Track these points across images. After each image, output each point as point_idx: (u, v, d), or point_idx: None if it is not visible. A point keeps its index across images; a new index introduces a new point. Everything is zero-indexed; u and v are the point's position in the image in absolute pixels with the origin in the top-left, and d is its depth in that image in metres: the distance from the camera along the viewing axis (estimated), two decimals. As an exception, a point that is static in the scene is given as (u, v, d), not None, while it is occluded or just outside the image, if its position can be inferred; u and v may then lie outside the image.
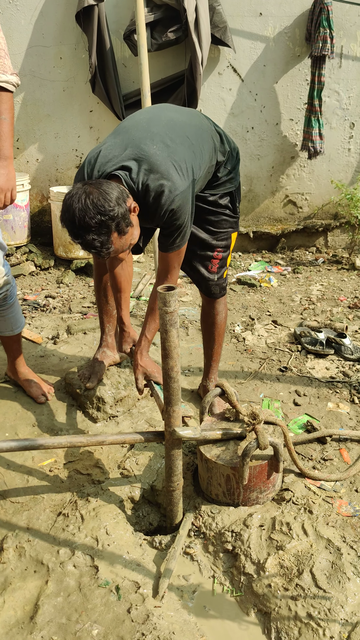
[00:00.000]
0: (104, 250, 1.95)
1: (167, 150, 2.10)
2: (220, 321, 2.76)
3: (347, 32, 4.85)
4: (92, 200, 1.89)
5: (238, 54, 4.86)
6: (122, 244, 2.00)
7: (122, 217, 1.94)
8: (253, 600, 1.94)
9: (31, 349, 3.41)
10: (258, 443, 2.07)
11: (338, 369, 3.25)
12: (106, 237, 1.93)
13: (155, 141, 2.11)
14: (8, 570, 2.00)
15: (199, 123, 2.33)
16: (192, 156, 2.17)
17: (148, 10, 4.43)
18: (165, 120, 2.23)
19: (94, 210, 1.88)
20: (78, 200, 1.90)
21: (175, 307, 1.83)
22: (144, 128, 2.17)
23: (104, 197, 1.91)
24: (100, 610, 1.85)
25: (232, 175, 2.48)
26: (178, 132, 2.18)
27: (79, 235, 1.92)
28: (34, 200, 5.15)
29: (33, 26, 4.69)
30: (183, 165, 2.12)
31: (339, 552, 2.00)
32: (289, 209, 5.41)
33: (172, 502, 2.16)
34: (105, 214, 1.89)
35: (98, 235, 1.91)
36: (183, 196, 2.10)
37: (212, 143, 2.33)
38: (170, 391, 1.96)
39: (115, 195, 1.94)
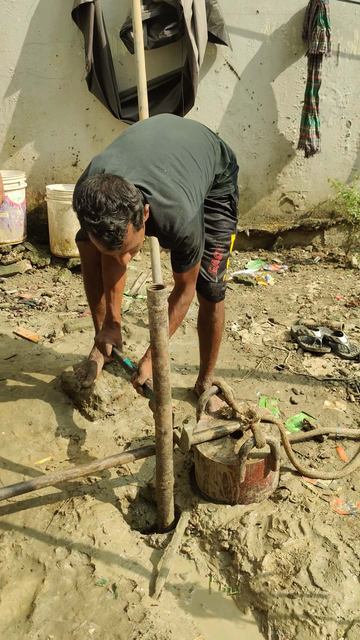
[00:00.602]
0: (118, 237, 1.88)
1: (178, 176, 2.11)
2: (217, 328, 2.75)
3: (344, 30, 4.85)
4: (115, 185, 1.87)
5: (235, 52, 4.85)
6: (132, 239, 1.96)
7: (139, 211, 1.93)
8: (250, 598, 1.94)
9: (27, 348, 3.40)
10: (255, 441, 2.07)
11: (334, 367, 3.26)
12: (124, 224, 1.87)
13: (165, 164, 2.11)
14: (4, 569, 1.99)
15: (202, 141, 2.33)
16: (200, 181, 2.20)
17: (144, 7, 4.42)
18: (172, 140, 2.21)
19: (117, 195, 1.85)
20: (99, 185, 1.86)
21: (165, 305, 1.82)
22: (151, 148, 2.15)
23: (127, 186, 1.89)
24: (96, 609, 1.84)
25: (229, 179, 2.50)
26: (186, 156, 2.18)
27: (97, 216, 1.84)
28: (30, 198, 5.13)
29: (29, 23, 4.67)
30: (194, 191, 2.14)
31: (335, 550, 2.01)
32: (285, 207, 5.41)
33: (164, 501, 2.16)
34: (126, 200, 1.86)
35: (117, 219, 1.85)
36: (194, 223, 2.14)
37: (214, 159, 2.36)
38: (160, 390, 1.96)
39: (135, 190, 1.93)
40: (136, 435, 2.64)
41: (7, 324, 3.76)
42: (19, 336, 3.56)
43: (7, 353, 3.33)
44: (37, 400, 2.85)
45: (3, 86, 4.82)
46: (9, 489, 2.03)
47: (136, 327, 3.69)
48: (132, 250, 2.04)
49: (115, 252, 1.98)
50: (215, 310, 2.69)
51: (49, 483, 2.07)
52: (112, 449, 2.57)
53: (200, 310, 2.75)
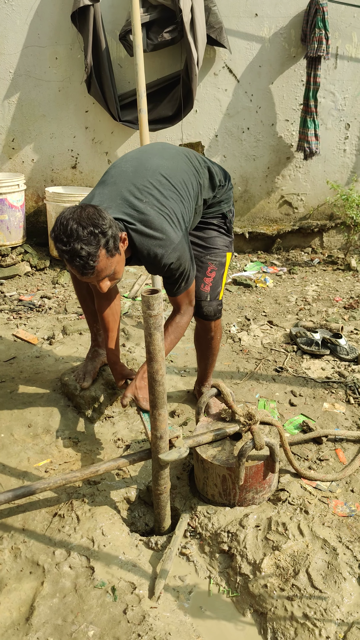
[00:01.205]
0: (89, 263, 1.93)
1: (157, 204, 2.15)
2: (214, 345, 2.71)
3: (343, 33, 4.86)
4: (87, 213, 1.93)
5: (234, 55, 4.86)
6: (106, 265, 1.99)
7: (112, 237, 1.96)
8: (249, 600, 1.94)
9: (27, 350, 3.40)
10: (254, 443, 2.07)
11: (334, 370, 3.26)
12: (94, 249, 1.92)
13: (144, 194, 2.15)
14: (4, 571, 1.99)
15: (184, 167, 2.35)
16: (180, 206, 2.22)
17: (144, 10, 4.43)
18: (151, 169, 2.24)
19: (87, 222, 1.91)
20: (72, 213, 1.94)
21: (159, 310, 1.82)
22: (130, 180, 2.20)
23: (99, 214, 1.95)
24: (96, 611, 1.84)
25: (221, 199, 2.52)
26: (164, 183, 2.21)
27: (68, 243, 1.90)
28: (29, 200, 5.14)
29: (28, 26, 4.68)
30: (174, 217, 2.17)
31: (334, 552, 2.01)
32: (284, 209, 5.42)
33: (160, 505, 2.15)
34: (97, 227, 1.92)
35: (87, 245, 1.90)
36: (179, 247, 2.16)
37: (199, 185, 2.38)
38: (155, 394, 1.95)
39: (110, 218, 1.98)
40: (135, 438, 2.64)
41: (6, 326, 3.76)
42: (18, 338, 3.56)
43: (6, 355, 3.33)
44: (36, 402, 2.85)
45: (2, 89, 4.83)
46: (8, 494, 2.03)
47: (135, 329, 3.70)
48: (110, 277, 2.07)
49: (91, 277, 2.01)
50: (211, 330, 2.63)
51: (48, 487, 2.07)
52: (112, 451, 2.57)
53: (197, 327, 2.70)
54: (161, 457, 2.04)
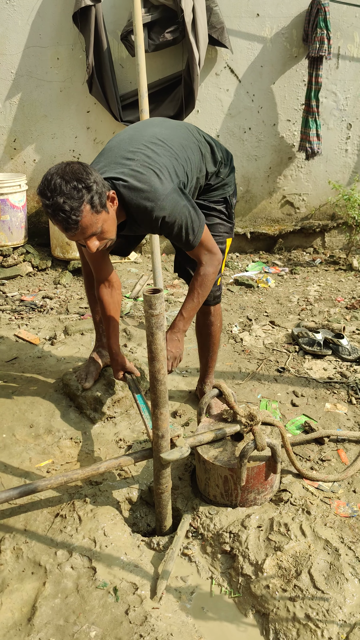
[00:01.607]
0: (72, 217, 1.90)
1: (147, 160, 2.12)
2: (215, 332, 2.73)
3: (344, 33, 4.86)
4: (71, 168, 1.93)
5: (235, 55, 4.86)
6: (91, 222, 1.96)
7: (97, 193, 1.94)
8: (251, 601, 1.94)
9: (28, 350, 3.40)
10: (255, 444, 2.07)
11: (335, 370, 3.26)
12: (77, 204, 1.89)
13: (136, 154, 2.14)
14: (5, 572, 1.99)
15: (184, 134, 2.34)
16: (175, 163, 2.18)
17: (145, 10, 4.43)
18: (147, 136, 2.25)
19: (71, 176, 1.90)
20: (58, 168, 1.94)
21: (162, 309, 1.82)
22: (125, 146, 2.20)
23: (84, 170, 1.94)
24: (98, 612, 1.84)
25: (224, 181, 2.49)
26: (159, 144, 2.20)
27: (51, 197, 1.88)
28: (31, 201, 5.14)
29: (30, 27, 4.68)
30: (164, 170, 2.12)
31: (337, 552, 2.00)
32: (286, 209, 5.42)
33: (161, 504, 2.15)
34: (81, 181, 1.90)
35: (70, 199, 1.88)
36: (169, 200, 2.09)
37: (200, 153, 2.35)
38: (157, 394, 1.95)
39: (96, 174, 1.96)
40: (137, 438, 2.64)
41: (8, 326, 3.77)
42: (20, 339, 3.56)
43: (8, 355, 3.33)
44: (38, 402, 2.85)
45: (4, 89, 4.83)
46: (10, 492, 2.03)
47: (137, 329, 3.70)
48: (98, 237, 2.03)
49: (76, 234, 1.98)
50: (210, 314, 2.68)
51: (49, 486, 2.07)
52: (113, 451, 2.57)
53: (197, 314, 2.73)
54: (163, 457, 2.04)
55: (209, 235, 2.26)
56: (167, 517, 2.19)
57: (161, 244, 4.93)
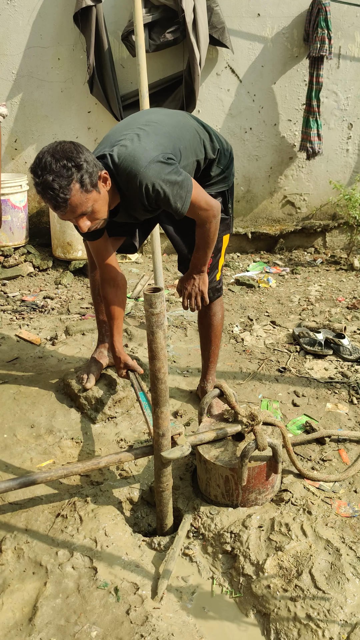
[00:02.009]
0: (60, 196, 1.90)
1: (135, 137, 2.12)
2: (216, 322, 2.75)
3: (345, 32, 4.85)
4: (62, 147, 1.94)
5: (236, 55, 4.86)
6: (81, 201, 1.96)
7: (87, 172, 1.94)
8: (252, 601, 1.94)
9: (29, 350, 3.40)
10: (257, 444, 2.07)
11: (337, 370, 3.25)
12: (66, 182, 1.90)
13: (127, 135, 2.15)
14: (6, 571, 1.99)
15: (181, 120, 2.34)
16: (164, 140, 2.15)
17: (146, 11, 4.43)
18: (143, 120, 2.26)
19: (61, 154, 1.91)
20: (50, 147, 1.94)
21: (162, 308, 1.82)
22: (120, 131, 2.23)
23: (76, 149, 1.95)
24: (99, 612, 1.84)
25: (224, 174, 2.48)
26: (151, 126, 2.20)
27: (41, 175, 1.89)
28: (32, 201, 5.14)
29: (31, 27, 4.68)
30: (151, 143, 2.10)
31: (338, 552, 2.00)
32: (287, 209, 5.42)
33: (162, 502, 2.15)
34: (71, 160, 1.90)
35: (59, 177, 1.88)
36: (155, 167, 2.04)
37: (198, 137, 2.33)
38: (158, 392, 1.95)
39: (88, 154, 1.98)
40: (138, 438, 2.64)
41: (9, 326, 3.77)
42: (21, 339, 3.57)
43: (9, 356, 3.34)
44: (39, 403, 2.85)
45: (5, 89, 4.84)
46: (10, 482, 2.01)
47: (138, 329, 3.70)
48: (89, 217, 2.03)
49: (66, 214, 1.98)
50: (212, 305, 2.71)
51: (49, 478, 2.05)
52: (114, 451, 2.57)
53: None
54: (163, 455, 2.04)
55: (199, 195, 2.19)
56: (167, 515, 2.19)
57: (162, 244, 4.93)
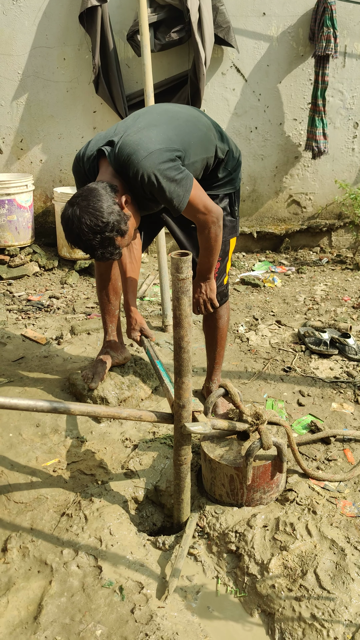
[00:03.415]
0: (115, 256, 2.08)
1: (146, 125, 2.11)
2: (222, 325, 2.75)
3: (351, 31, 4.84)
4: (86, 224, 1.97)
5: (241, 54, 4.86)
6: (125, 241, 2.10)
7: (117, 222, 2.00)
8: (257, 600, 1.93)
9: (35, 350, 3.41)
10: (262, 443, 2.06)
11: (342, 369, 3.25)
12: (112, 247, 2.04)
13: (139, 121, 2.15)
14: (12, 570, 2.00)
15: (195, 114, 2.34)
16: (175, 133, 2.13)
17: (151, 10, 4.44)
18: (158, 110, 2.27)
19: (91, 233, 1.98)
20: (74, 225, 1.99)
21: (188, 274, 1.79)
22: (134, 117, 2.23)
23: (95, 216, 1.97)
24: (103, 611, 1.85)
25: (232, 176, 2.48)
26: (164, 116, 2.20)
27: (89, 253, 2.05)
28: (37, 201, 5.16)
29: (37, 27, 4.70)
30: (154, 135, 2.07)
31: (343, 552, 2.00)
32: (292, 209, 5.41)
33: (180, 476, 2.11)
34: (102, 231, 1.99)
35: (104, 248, 2.03)
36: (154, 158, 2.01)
37: (209, 134, 2.31)
38: (180, 362, 1.91)
39: (105, 205, 1.98)
40: (143, 437, 2.64)
41: (15, 326, 3.78)
42: (27, 338, 3.58)
43: (14, 355, 3.35)
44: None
45: (11, 89, 4.85)
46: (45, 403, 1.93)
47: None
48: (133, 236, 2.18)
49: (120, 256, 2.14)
50: (219, 308, 2.70)
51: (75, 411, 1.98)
52: (119, 450, 2.57)
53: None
54: (186, 426, 1.99)
55: (198, 197, 2.16)
56: (185, 490, 2.13)
57: (167, 243, 4.93)
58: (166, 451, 2.52)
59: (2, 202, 4.60)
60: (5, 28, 4.69)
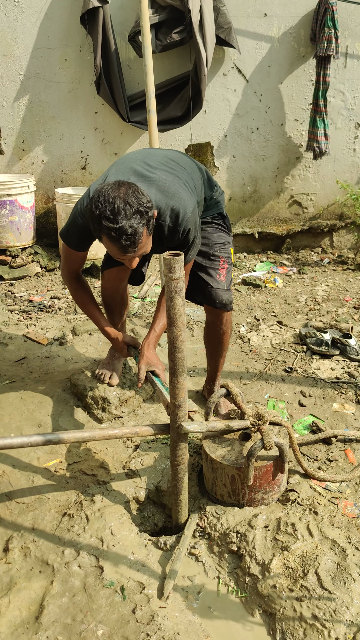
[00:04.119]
0: (135, 241, 1.98)
1: (171, 174, 2.24)
2: (225, 340, 2.75)
3: (352, 32, 4.84)
4: (132, 191, 1.98)
5: (243, 55, 4.86)
6: (145, 243, 2.06)
7: (152, 217, 2.03)
8: (258, 601, 1.94)
9: (36, 350, 3.42)
10: (263, 443, 2.07)
11: (343, 370, 3.25)
12: (141, 227, 1.97)
13: (157, 169, 2.24)
14: (13, 570, 2.00)
15: (189, 160, 2.50)
16: (192, 181, 2.34)
17: (153, 11, 4.44)
18: (160, 155, 2.39)
19: (134, 200, 1.95)
20: (117, 190, 1.97)
21: (181, 274, 1.80)
22: (142, 160, 2.30)
23: (142, 192, 2.01)
24: (105, 611, 1.85)
25: (217, 199, 2.62)
26: (173, 164, 2.33)
27: (117, 220, 1.94)
28: (39, 201, 5.16)
29: (38, 28, 4.70)
30: (190, 184, 2.28)
31: (344, 553, 2.00)
32: (294, 209, 5.41)
33: (177, 477, 2.11)
34: (143, 205, 1.97)
35: (135, 223, 1.95)
36: (194, 214, 2.24)
37: (202, 176, 2.51)
38: (175, 361, 1.92)
39: (148, 196, 2.04)
40: (144, 438, 2.65)
41: (16, 326, 3.79)
42: (29, 339, 3.58)
43: (16, 355, 3.35)
44: (46, 402, 2.86)
45: (12, 90, 4.86)
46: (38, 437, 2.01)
47: (145, 329, 3.70)
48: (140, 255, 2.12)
49: (130, 255, 2.05)
50: (223, 321, 2.66)
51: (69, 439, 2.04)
52: (121, 451, 2.57)
53: (208, 322, 2.73)
54: (183, 425, 2.01)
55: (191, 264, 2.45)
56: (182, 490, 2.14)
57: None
58: (167, 451, 2.52)
59: (4, 203, 4.61)
60: (6, 29, 4.70)
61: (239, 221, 5.40)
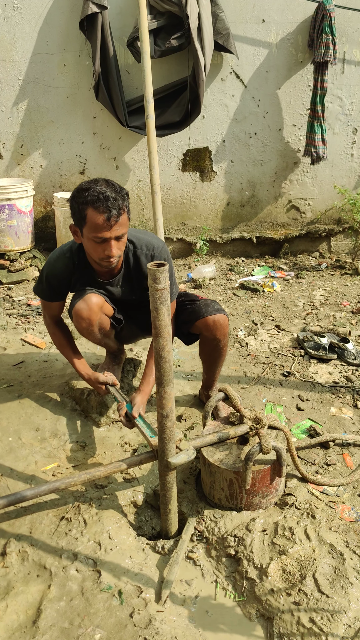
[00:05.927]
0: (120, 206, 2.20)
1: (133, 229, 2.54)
2: (224, 354, 2.73)
3: (350, 38, 4.87)
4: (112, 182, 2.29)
5: (241, 61, 4.88)
6: (125, 222, 2.26)
7: (128, 203, 2.30)
8: (255, 605, 1.93)
9: (35, 354, 3.42)
10: (261, 447, 2.07)
11: (341, 374, 3.25)
12: (122, 200, 2.22)
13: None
14: (11, 574, 2.00)
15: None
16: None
17: (151, 17, 4.46)
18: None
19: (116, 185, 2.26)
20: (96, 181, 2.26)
21: (165, 284, 1.79)
22: None
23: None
24: (102, 615, 1.85)
25: None
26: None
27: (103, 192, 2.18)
28: (37, 206, 5.17)
29: (37, 34, 4.72)
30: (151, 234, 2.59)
31: (341, 557, 2.00)
32: (292, 214, 5.43)
33: (166, 487, 2.10)
34: (122, 190, 2.26)
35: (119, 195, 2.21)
36: (166, 250, 2.53)
37: None
38: (162, 372, 1.91)
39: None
40: (142, 442, 2.65)
41: (14, 330, 3.79)
42: (27, 343, 3.58)
43: (14, 360, 3.35)
44: (44, 406, 2.87)
45: (11, 95, 4.88)
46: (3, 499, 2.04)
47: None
48: (119, 244, 2.30)
49: (113, 228, 2.21)
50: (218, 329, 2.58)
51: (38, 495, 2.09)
52: (119, 455, 2.57)
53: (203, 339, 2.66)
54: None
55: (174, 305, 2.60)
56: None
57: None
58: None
59: (2, 207, 4.62)
60: (6, 34, 4.72)
61: (237, 226, 5.41)
